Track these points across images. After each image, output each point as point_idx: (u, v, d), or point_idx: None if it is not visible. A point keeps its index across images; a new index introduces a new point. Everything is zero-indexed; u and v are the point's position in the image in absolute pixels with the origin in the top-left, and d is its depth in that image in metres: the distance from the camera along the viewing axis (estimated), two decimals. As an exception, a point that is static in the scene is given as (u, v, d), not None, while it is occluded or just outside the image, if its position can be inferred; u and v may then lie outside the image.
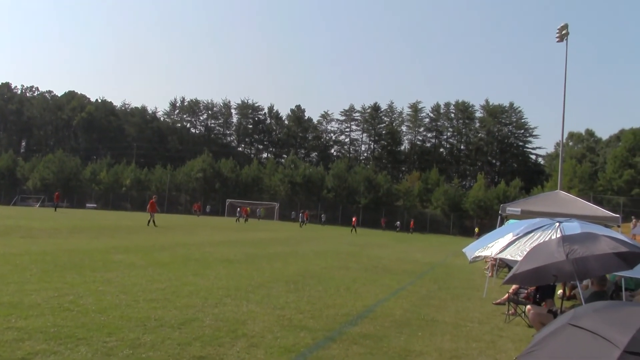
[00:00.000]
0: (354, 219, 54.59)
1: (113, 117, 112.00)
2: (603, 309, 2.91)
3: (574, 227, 7.40)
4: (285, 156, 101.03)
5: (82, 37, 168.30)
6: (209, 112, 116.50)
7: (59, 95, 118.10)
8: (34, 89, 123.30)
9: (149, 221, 31.59)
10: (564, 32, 40.38)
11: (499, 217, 14.47)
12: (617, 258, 4.40)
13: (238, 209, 62.46)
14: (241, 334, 7.15)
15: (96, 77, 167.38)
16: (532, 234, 7.52)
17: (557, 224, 7.61)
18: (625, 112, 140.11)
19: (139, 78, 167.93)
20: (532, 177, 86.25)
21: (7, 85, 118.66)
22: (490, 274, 15.52)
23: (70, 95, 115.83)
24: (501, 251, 7.60)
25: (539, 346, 2.84)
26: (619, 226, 13.51)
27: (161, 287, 10.25)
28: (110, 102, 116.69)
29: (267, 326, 7.76)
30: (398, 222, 67.17)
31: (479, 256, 8.29)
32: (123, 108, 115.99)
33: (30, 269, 11.24)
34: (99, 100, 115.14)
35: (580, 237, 4.95)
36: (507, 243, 7.61)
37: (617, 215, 13.80)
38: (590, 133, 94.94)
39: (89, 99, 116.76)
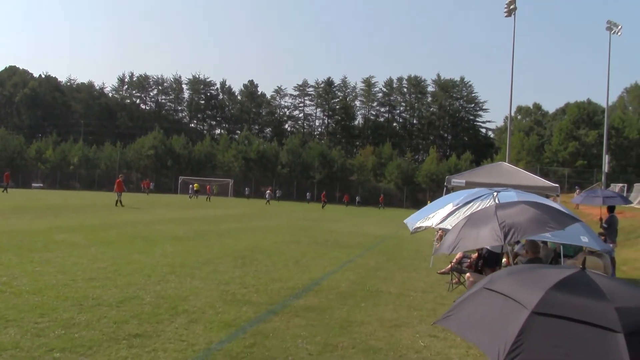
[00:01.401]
0: (322, 195, 55.40)
1: (58, 93, 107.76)
2: (517, 272, 2.96)
3: (510, 196, 7.58)
4: (238, 132, 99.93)
5: (25, 8, 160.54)
6: (160, 87, 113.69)
7: (0, 71, 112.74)
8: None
9: (116, 201, 30.74)
10: (512, 7, 41.16)
11: (445, 188, 14.72)
12: (544, 218, 4.56)
13: (190, 185, 61.65)
14: (181, 310, 7.06)
15: (39, 52, 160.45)
16: (471, 203, 7.67)
17: (495, 193, 7.78)
18: (571, 86, 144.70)
19: (85, 52, 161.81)
20: (483, 150, 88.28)
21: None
22: (438, 245, 15.85)
23: (12, 71, 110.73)
24: (442, 221, 7.73)
25: (455, 310, 2.87)
26: (558, 195, 13.98)
27: (103, 266, 10.00)
28: (55, 77, 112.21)
29: (209, 302, 7.70)
30: (358, 197, 67.76)
31: (420, 227, 8.41)
32: (69, 84, 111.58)
33: (-37, 251, 10.78)
34: (43, 76, 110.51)
35: (511, 204, 5.08)
36: (448, 213, 7.75)
37: (556, 185, 14.25)
38: (537, 106, 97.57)
39: (31, 74, 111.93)
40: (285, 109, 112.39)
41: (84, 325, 6.05)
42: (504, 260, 11.94)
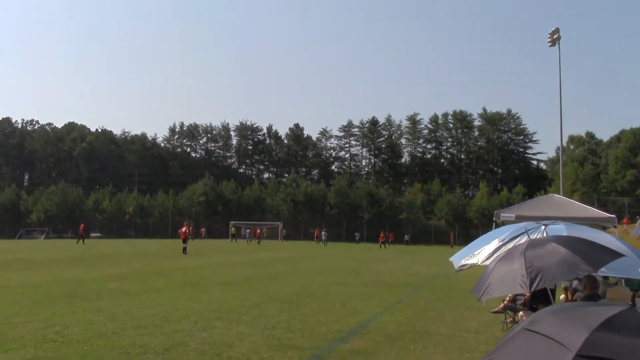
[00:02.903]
0: (381, 235, 54.60)
1: (114, 146, 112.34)
2: (560, 311, 2.79)
3: (559, 230, 7.27)
4: (286, 175, 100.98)
5: (80, 68, 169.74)
6: (209, 135, 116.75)
7: (59, 127, 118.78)
8: (34, 123, 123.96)
9: (184, 249, 30.43)
10: (555, 36, 40.56)
11: (494, 223, 14.31)
12: (576, 260, 4.25)
13: (248, 230, 62.76)
14: (226, 357, 7.03)
15: (95, 107, 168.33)
16: (518, 238, 7.40)
17: (543, 227, 7.49)
18: (624, 113, 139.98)
19: (137, 106, 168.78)
20: (535, 182, 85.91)
21: (7, 120, 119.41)
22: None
23: (71, 127, 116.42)
24: (487, 258, 7.46)
25: (495, 354, 2.72)
26: (615, 227, 13.36)
27: (151, 314, 10.12)
28: (110, 131, 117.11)
29: (254, 347, 7.63)
30: (406, 236, 66.69)
31: (466, 264, 8.15)
32: (123, 136, 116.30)
33: (20, 302, 11.14)
34: (99, 130, 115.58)
35: (542, 242, 4.79)
36: (494, 249, 7.50)
37: (613, 216, 13.62)
38: (590, 135, 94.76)
39: (89, 129, 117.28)
40: (332, 150, 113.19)
41: (129, 373, 6.09)
42: (562, 297, 11.42)
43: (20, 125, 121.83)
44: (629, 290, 9.11)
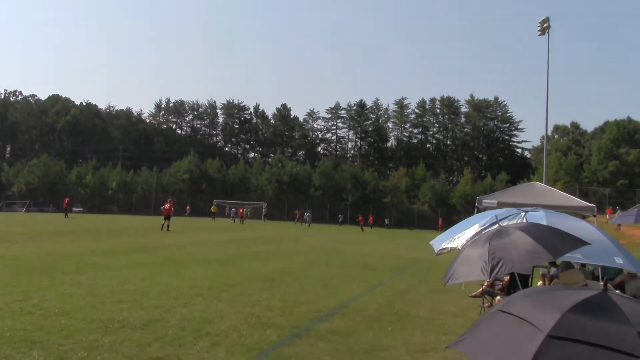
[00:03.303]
0: (360, 218, 54.57)
1: (98, 120, 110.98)
2: (534, 293, 2.84)
3: (539, 217, 7.35)
4: (272, 155, 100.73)
5: (66, 39, 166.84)
6: (195, 112, 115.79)
7: (43, 99, 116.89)
8: (17, 93, 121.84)
9: (163, 225, 30.47)
10: (545, 25, 40.59)
11: (476, 209, 14.43)
12: (537, 248, 4.29)
13: (233, 209, 62.74)
14: (205, 333, 7.04)
15: (80, 80, 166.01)
16: (498, 224, 7.44)
17: (523, 213, 7.56)
18: (610, 104, 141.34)
19: (123, 80, 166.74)
20: (519, 170, 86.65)
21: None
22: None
23: (55, 99, 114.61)
24: (467, 242, 7.54)
25: (469, 334, 2.75)
26: (594, 216, 13.52)
27: (132, 289, 10.09)
28: (95, 105, 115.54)
29: (233, 325, 7.65)
30: (387, 220, 66.98)
31: (446, 248, 8.22)
32: (108, 111, 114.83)
33: (-1, 274, 11.04)
34: (84, 104, 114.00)
35: (508, 232, 4.83)
36: (474, 234, 7.55)
37: (592, 205, 13.80)
38: (575, 125, 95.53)
39: (73, 102, 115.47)
40: (318, 132, 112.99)
41: (106, 347, 6.08)
42: (539, 283, 11.59)
43: (2, 96, 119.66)
44: (581, 274, 9.27)
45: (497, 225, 5.44)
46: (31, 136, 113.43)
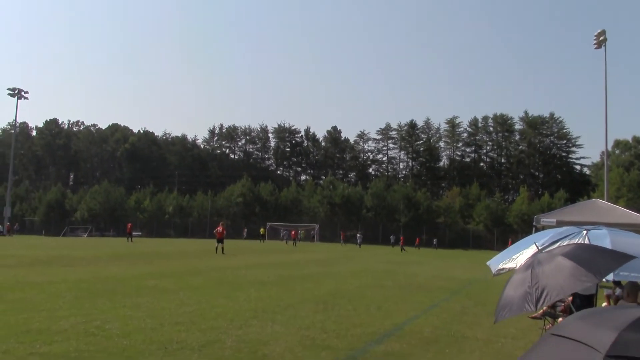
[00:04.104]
0: (401, 239, 54.12)
1: (155, 147, 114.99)
2: (588, 315, 2.73)
3: (601, 235, 7.08)
4: (323, 177, 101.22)
5: (125, 70, 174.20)
6: (247, 137, 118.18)
7: (104, 128, 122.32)
8: (79, 124, 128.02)
9: (216, 248, 30.39)
10: (601, 38, 39.54)
11: (534, 228, 14.02)
12: (579, 271, 4.13)
13: (285, 231, 63.49)
14: (261, 355, 7.09)
15: (138, 109, 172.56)
16: (559, 243, 7.24)
17: (585, 232, 7.30)
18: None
19: (178, 108, 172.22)
20: (578, 187, 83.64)
21: (54, 121, 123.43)
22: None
23: (114, 128, 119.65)
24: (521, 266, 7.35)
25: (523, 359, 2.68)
26: (661, 233, 12.89)
27: (189, 311, 10.30)
28: (152, 132, 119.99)
29: (289, 347, 7.68)
30: (435, 240, 65.75)
31: (504, 268, 8.01)
32: (164, 137, 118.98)
33: (63, 297, 11.49)
34: (141, 131, 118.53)
35: (549, 258, 4.67)
36: (533, 254, 7.34)
37: (659, 222, 13.19)
38: (637, 140, 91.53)
39: (131, 130, 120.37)
40: (369, 153, 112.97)
41: (166, 368, 6.22)
42: (604, 304, 11.12)
43: (66, 126, 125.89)
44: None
45: (538, 251, 5.28)
46: (93, 164, 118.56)
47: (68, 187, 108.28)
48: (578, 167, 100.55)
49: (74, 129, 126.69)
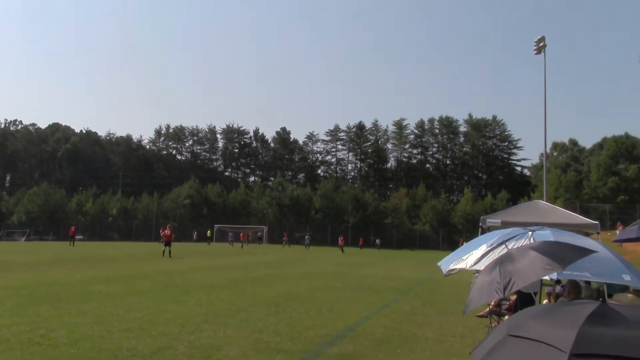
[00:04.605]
0: (341, 239, 54.52)
1: (98, 147, 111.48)
2: (541, 313, 2.76)
3: (546, 235, 7.39)
4: (272, 179, 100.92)
5: (65, 68, 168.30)
6: (195, 138, 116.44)
7: (43, 128, 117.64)
8: (17, 123, 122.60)
9: (163, 251, 30.09)
10: (541, 44, 41.07)
11: (480, 229, 14.45)
12: (544, 260, 4.37)
13: (231, 233, 63.15)
14: (214, 360, 7.01)
15: (80, 108, 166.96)
16: (506, 243, 7.51)
17: (530, 232, 7.61)
18: (607, 121, 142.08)
19: (123, 107, 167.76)
20: (519, 188, 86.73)
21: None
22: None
23: (55, 127, 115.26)
24: (476, 263, 7.58)
25: None
26: (598, 233, 13.55)
27: (138, 316, 10.07)
28: (95, 132, 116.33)
29: (242, 351, 7.63)
30: (378, 240, 66.60)
31: (454, 269, 8.24)
32: (108, 138, 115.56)
33: (4, 304, 11.01)
34: (84, 131, 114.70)
35: (518, 251, 4.92)
36: (482, 254, 7.59)
37: (596, 222, 13.83)
38: (573, 142, 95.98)
39: (73, 130, 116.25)
40: (318, 155, 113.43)
41: (117, 376, 6.06)
42: (545, 301, 11.56)
43: (3, 125, 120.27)
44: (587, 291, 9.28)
45: (505, 248, 5.49)
46: (31, 165, 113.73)
47: (4, 189, 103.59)
48: (519, 168, 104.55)
49: (11, 128, 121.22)
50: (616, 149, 73.80)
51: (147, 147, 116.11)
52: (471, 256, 7.83)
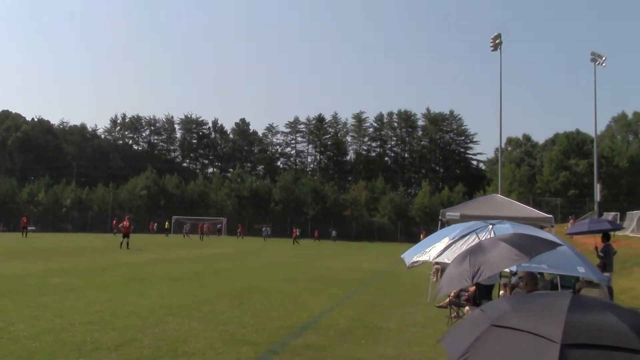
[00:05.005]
0: (294, 231, 54.62)
1: (51, 136, 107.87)
2: (521, 303, 2.78)
3: (505, 229, 7.68)
4: (231, 170, 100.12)
5: (16, 53, 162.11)
6: (152, 128, 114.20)
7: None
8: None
9: (121, 243, 29.60)
10: (497, 41, 42.00)
11: (439, 222, 14.80)
12: (512, 251, 4.59)
13: (186, 224, 62.59)
14: (181, 353, 7.02)
15: (32, 95, 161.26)
16: (467, 236, 7.77)
17: (490, 226, 7.88)
18: (559, 117, 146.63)
19: (77, 95, 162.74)
20: (475, 182, 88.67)
21: None
22: (434, 279, 15.82)
23: (4, 115, 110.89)
24: (438, 255, 7.82)
25: (470, 353, 2.54)
26: (552, 226, 14.08)
27: (99, 309, 9.93)
28: (48, 120, 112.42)
29: (209, 343, 7.65)
30: (334, 232, 67.09)
31: (417, 261, 8.47)
32: (61, 126, 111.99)
33: (-43, 298, 10.67)
34: (35, 119, 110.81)
35: (488, 242, 5.14)
36: (444, 247, 7.83)
37: (550, 216, 14.38)
38: (527, 138, 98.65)
39: (24, 118, 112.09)
40: (277, 146, 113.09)
41: (83, 370, 6.00)
42: (501, 292, 11.97)
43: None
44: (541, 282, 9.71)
45: (476, 236, 5.71)
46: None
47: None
48: (475, 162, 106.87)
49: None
50: (567, 145, 76.26)
51: (103, 136, 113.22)
52: (434, 249, 8.06)
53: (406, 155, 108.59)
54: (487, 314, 2.77)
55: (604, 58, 44.49)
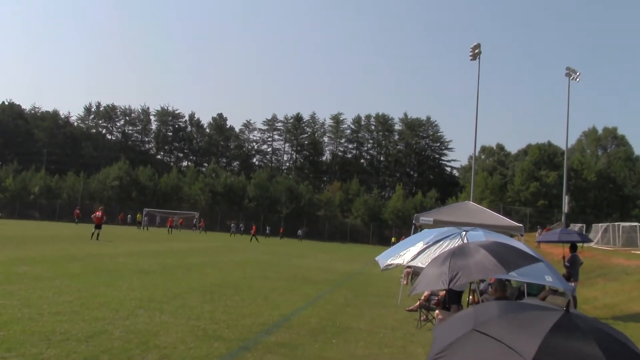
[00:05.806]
0: (253, 228, 54.23)
1: (21, 121, 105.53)
2: (509, 312, 2.79)
3: (478, 236, 7.84)
4: (206, 165, 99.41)
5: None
6: (127, 118, 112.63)
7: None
8: None
9: (93, 234, 29.05)
10: (476, 51, 42.65)
11: (413, 226, 14.98)
12: (492, 261, 4.69)
13: (145, 217, 62.51)
14: (152, 346, 6.99)
15: (2, 78, 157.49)
16: (441, 242, 7.92)
17: (464, 232, 8.04)
18: (532, 128, 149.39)
19: (50, 80, 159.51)
20: (448, 188, 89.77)
21: None
22: (405, 282, 16.02)
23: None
24: (412, 259, 7.94)
25: (446, 352, 2.61)
26: (522, 235, 14.39)
27: (69, 300, 9.81)
28: (19, 105, 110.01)
29: (180, 337, 7.63)
30: (300, 231, 67.21)
31: (391, 264, 8.59)
32: (33, 112, 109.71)
33: None
34: (6, 103, 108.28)
35: (471, 248, 5.24)
36: (418, 251, 7.96)
37: (520, 225, 14.70)
38: (500, 147, 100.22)
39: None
40: (254, 143, 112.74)
41: (53, 360, 5.95)
42: (469, 297, 12.18)
43: None
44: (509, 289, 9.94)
45: (461, 242, 5.82)
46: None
47: None
48: (449, 169, 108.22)
49: None
50: (539, 156, 77.77)
51: (75, 124, 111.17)
52: (408, 252, 8.18)
53: (382, 159, 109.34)
54: (476, 316, 2.79)
55: (578, 73, 45.46)
